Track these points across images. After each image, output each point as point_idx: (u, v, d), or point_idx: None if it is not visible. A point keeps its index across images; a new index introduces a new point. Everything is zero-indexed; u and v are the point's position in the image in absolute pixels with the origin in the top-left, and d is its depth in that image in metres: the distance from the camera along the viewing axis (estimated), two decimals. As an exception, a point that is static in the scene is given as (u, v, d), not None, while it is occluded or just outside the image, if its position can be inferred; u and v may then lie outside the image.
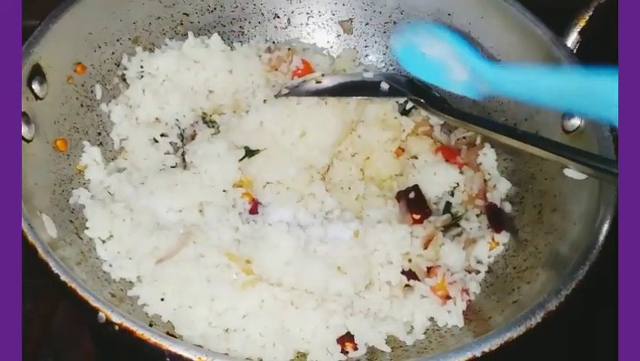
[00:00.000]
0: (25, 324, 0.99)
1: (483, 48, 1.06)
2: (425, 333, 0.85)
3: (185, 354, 0.60)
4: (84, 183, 0.91)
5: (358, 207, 0.97)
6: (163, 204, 0.90)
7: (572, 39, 0.98)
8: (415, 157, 1.05)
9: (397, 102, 1.08)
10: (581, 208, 0.84)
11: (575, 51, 0.97)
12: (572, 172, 0.85)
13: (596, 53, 0.98)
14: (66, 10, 0.91)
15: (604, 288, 0.73)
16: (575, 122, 0.92)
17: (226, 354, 0.67)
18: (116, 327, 0.61)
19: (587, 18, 0.97)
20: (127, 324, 0.61)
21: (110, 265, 0.83)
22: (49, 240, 0.72)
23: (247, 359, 0.64)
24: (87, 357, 0.99)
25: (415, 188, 0.98)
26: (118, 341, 0.63)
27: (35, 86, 0.85)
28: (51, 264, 0.65)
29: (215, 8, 1.12)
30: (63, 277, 0.64)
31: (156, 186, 0.91)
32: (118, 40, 1.02)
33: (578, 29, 0.98)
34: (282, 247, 0.83)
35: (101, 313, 0.61)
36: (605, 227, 0.77)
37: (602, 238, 0.75)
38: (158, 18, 1.06)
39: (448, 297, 0.87)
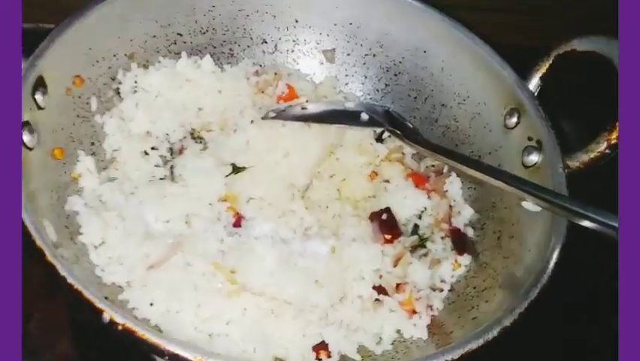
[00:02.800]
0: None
1: (454, 85, 1.17)
2: (392, 344, 0.93)
3: (182, 353, 0.65)
4: (78, 191, 0.95)
5: (335, 225, 1.04)
6: (152, 214, 0.95)
7: (534, 83, 1.07)
8: (388, 181, 1.13)
9: (374, 130, 1.17)
10: (535, 237, 0.93)
11: (536, 94, 1.07)
12: (529, 205, 0.94)
13: (555, 97, 1.09)
14: (70, 26, 0.96)
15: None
16: (534, 158, 1.02)
17: (219, 354, 0.72)
18: (120, 327, 0.66)
19: (547, 65, 1.07)
20: (129, 325, 0.66)
21: (102, 270, 0.87)
22: (51, 243, 0.76)
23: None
24: (62, 358, 1.02)
25: (387, 210, 1.06)
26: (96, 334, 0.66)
27: (38, 97, 0.89)
28: (58, 266, 0.69)
29: (207, 30, 1.18)
30: (70, 280, 0.68)
31: (146, 197, 0.96)
32: (115, 55, 1.07)
33: (539, 75, 1.08)
34: (265, 259, 0.89)
35: (105, 314, 0.66)
36: (555, 254, 0.86)
37: (552, 264, 0.85)
38: (154, 36, 1.12)
39: (414, 311, 0.95)
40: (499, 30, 1.17)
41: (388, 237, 1.03)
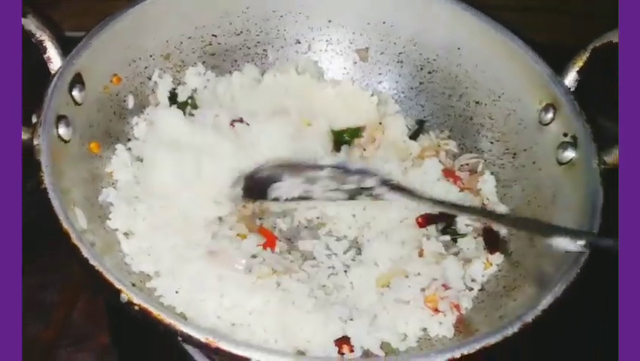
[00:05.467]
0: (47, 314, 1.08)
1: (488, 82, 1.15)
2: (417, 341, 0.91)
3: (195, 335, 0.67)
4: (112, 183, 0.99)
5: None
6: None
7: (571, 78, 1.05)
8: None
9: (407, 127, 1.16)
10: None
11: (572, 89, 1.04)
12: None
13: (594, 92, 1.05)
14: (107, 26, 1.00)
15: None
16: (569, 154, 0.99)
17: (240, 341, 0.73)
18: (136, 307, 0.68)
19: (585, 59, 1.04)
20: (145, 305, 0.68)
21: (132, 259, 0.90)
22: (80, 230, 0.80)
23: (251, 346, 0.69)
24: (102, 348, 1.06)
25: None
26: (134, 325, 0.70)
27: (75, 93, 0.93)
28: (82, 249, 0.73)
29: (241, 32, 1.21)
30: (91, 261, 0.71)
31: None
32: (151, 55, 1.11)
33: (577, 69, 1.04)
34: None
35: (123, 295, 0.69)
36: (587, 253, 0.83)
37: (582, 261, 0.82)
38: (189, 37, 1.16)
39: (437, 310, 0.93)
40: (531, 28, 1.15)
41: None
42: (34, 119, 0.86)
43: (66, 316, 1.09)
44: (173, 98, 1.13)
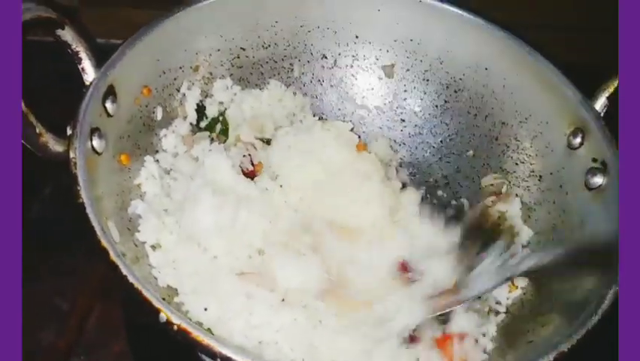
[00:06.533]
0: (61, 321, 1.07)
1: (516, 103, 1.15)
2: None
3: (235, 357, 0.66)
4: (141, 195, 0.99)
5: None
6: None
7: (600, 103, 1.04)
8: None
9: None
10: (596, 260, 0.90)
11: (602, 114, 1.04)
12: None
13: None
14: (140, 38, 1.01)
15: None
16: (598, 180, 0.98)
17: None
18: (175, 327, 0.68)
19: (616, 84, 1.04)
20: (184, 325, 0.68)
21: (159, 272, 0.90)
22: (115, 245, 0.80)
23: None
24: (116, 357, 1.05)
25: None
26: (151, 335, 0.68)
27: (108, 105, 0.93)
28: (120, 266, 0.72)
29: (269, 45, 1.21)
30: (130, 279, 0.71)
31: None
32: (180, 67, 1.11)
33: (607, 94, 1.04)
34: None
35: (162, 314, 0.68)
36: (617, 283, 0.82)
37: (613, 290, 0.81)
38: (218, 50, 1.16)
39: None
40: (562, 48, 1.15)
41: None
42: (69, 131, 0.86)
43: (81, 323, 1.08)
44: (200, 111, 1.13)
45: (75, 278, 1.11)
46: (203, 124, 1.14)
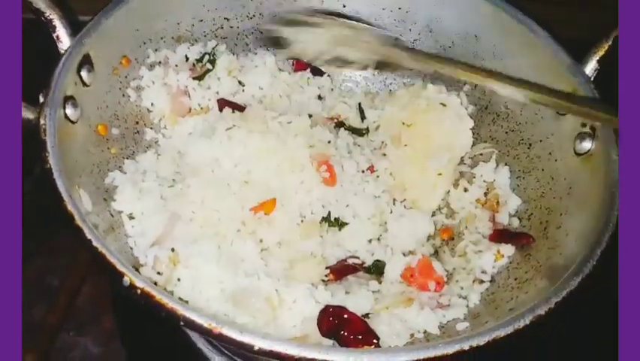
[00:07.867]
0: (52, 298, 1.08)
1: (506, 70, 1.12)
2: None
3: (197, 320, 0.65)
4: (120, 166, 0.98)
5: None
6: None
7: (591, 67, 1.02)
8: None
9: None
10: (583, 225, 0.87)
11: (592, 78, 1.01)
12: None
13: (613, 81, 1.02)
14: (117, 8, 0.99)
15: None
16: (587, 145, 0.96)
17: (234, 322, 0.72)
18: (138, 291, 0.67)
19: (606, 48, 1.01)
20: (148, 289, 0.67)
21: (135, 242, 0.90)
22: (85, 212, 0.79)
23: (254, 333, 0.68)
24: (106, 333, 1.07)
25: None
26: (138, 311, 0.69)
27: (84, 74, 0.92)
28: (85, 231, 0.72)
29: (254, 15, 1.19)
30: (95, 243, 0.70)
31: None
32: (162, 38, 1.10)
33: (597, 58, 1.01)
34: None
35: (125, 278, 0.68)
36: (602, 246, 0.81)
37: (598, 252, 0.79)
38: (201, 21, 1.14)
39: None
40: (563, 24, 1.10)
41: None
42: (41, 99, 0.84)
43: (71, 300, 1.09)
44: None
45: (65, 256, 1.12)
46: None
